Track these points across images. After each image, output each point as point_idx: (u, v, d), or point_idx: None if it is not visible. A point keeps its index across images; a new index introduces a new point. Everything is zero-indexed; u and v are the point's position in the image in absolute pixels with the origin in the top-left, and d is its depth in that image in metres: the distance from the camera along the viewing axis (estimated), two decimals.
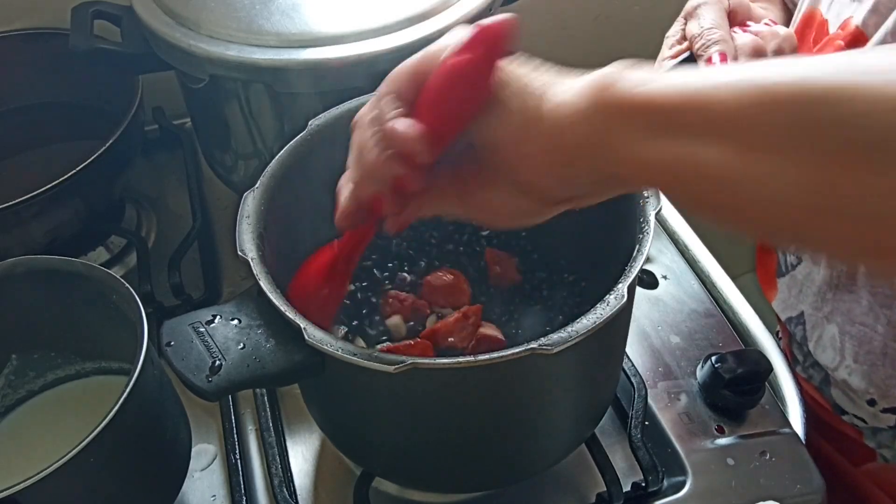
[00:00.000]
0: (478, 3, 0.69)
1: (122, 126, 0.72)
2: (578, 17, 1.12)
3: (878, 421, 0.67)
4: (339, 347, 0.44)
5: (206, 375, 0.44)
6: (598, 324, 0.43)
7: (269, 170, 0.54)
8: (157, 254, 0.80)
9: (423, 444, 0.53)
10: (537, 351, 0.42)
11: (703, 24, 0.59)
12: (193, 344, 0.45)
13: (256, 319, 0.47)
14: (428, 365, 0.43)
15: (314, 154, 0.57)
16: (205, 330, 0.46)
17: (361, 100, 0.59)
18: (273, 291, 0.47)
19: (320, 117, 0.58)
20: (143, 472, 0.54)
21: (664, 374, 0.68)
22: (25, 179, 0.69)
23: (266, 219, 0.52)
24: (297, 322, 0.45)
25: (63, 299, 0.58)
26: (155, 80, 0.78)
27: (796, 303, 0.71)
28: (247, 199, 0.52)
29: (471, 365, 0.43)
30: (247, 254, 0.48)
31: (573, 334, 0.43)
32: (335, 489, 0.63)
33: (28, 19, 0.87)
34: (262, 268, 0.48)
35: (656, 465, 0.61)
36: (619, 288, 0.45)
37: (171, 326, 0.47)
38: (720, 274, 0.78)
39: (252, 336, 0.46)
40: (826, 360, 0.68)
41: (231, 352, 0.45)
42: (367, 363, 0.43)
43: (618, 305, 0.44)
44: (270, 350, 0.46)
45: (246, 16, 0.68)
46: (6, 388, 0.63)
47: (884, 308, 0.62)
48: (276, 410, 0.66)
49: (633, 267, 0.46)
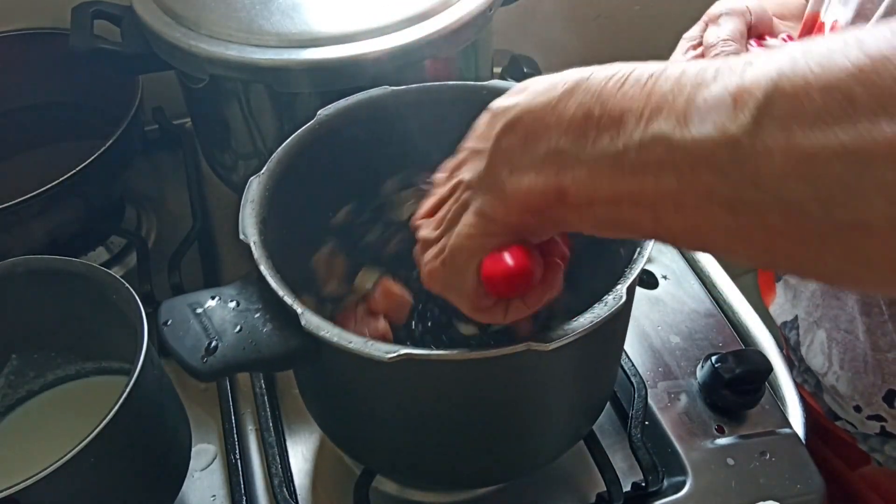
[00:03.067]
0: (478, 3, 0.69)
1: (122, 126, 0.72)
2: (578, 17, 1.12)
3: (865, 427, 0.67)
4: (335, 334, 0.44)
5: (202, 356, 0.44)
6: (595, 323, 0.43)
7: (276, 156, 0.55)
8: (157, 254, 0.80)
9: (417, 437, 0.53)
10: (533, 347, 0.42)
11: (721, 35, 0.58)
12: (190, 324, 0.46)
13: (255, 303, 0.47)
14: (422, 356, 0.43)
15: (320, 144, 0.57)
16: (203, 311, 0.46)
17: (371, 93, 0.59)
18: (273, 276, 0.47)
19: (329, 108, 0.58)
20: (143, 472, 0.54)
21: (664, 374, 0.68)
22: (25, 179, 0.69)
23: (270, 204, 0.52)
24: (294, 307, 0.45)
25: (63, 299, 0.58)
26: (155, 80, 0.78)
27: (791, 308, 0.71)
28: (252, 184, 0.52)
29: (465, 358, 0.43)
30: (249, 237, 0.48)
31: (569, 332, 0.43)
32: (335, 489, 0.63)
33: (28, 19, 0.87)
34: (263, 252, 0.48)
35: (656, 465, 0.61)
36: (618, 289, 0.45)
37: (169, 305, 0.47)
38: (720, 274, 0.78)
39: (249, 319, 0.46)
40: (816, 366, 0.68)
41: (227, 334, 0.45)
42: (361, 350, 0.43)
43: (615, 306, 0.44)
44: (267, 334, 0.46)
45: (246, 16, 0.68)
46: (6, 388, 0.63)
47: (863, 315, 0.61)
48: (276, 410, 0.66)
49: (634, 269, 0.46)
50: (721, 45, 0.58)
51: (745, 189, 0.28)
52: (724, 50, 0.57)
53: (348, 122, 0.58)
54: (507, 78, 0.93)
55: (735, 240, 0.31)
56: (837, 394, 0.67)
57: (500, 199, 0.37)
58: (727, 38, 0.58)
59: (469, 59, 0.75)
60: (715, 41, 0.58)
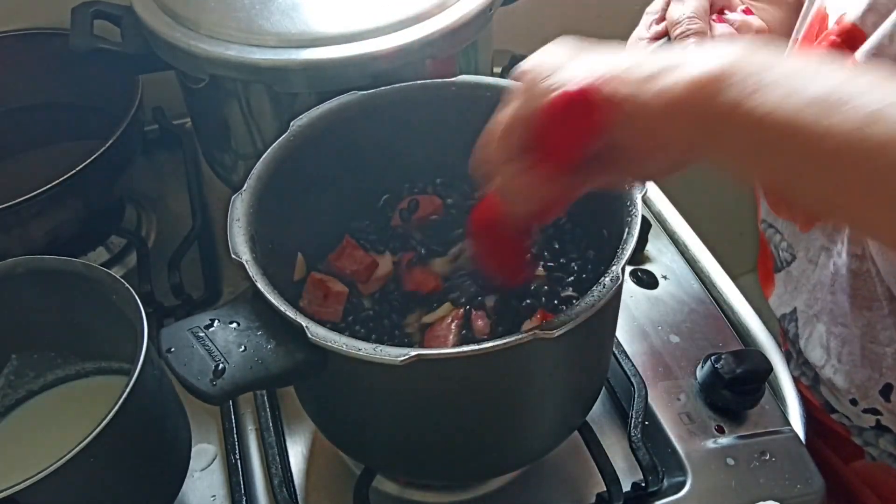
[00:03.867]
0: (478, 3, 0.69)
1: (122, 126, 0.72)
2: (578, 17, 1.12)
3: (861, 421, 0.67)
4: (343, 343, 0.44)
5: (211, 379, 0.44)
6: (597, 305, 0.45)
7: (255, 172, 0.55)
8: (157, 254, 0.80)
9: (420, 435, 0.53)
10: (539, 335, 0.43)
11: (685, 12, 0.58)
12: (194, 349, 0.45)
13: (255, 321, 0.47)
14: (433, 356, 0.44)
15: (298, 154, 0.57)
16: (204, 335, 0.46)
17: (341, 99, 0.60)
18: (272, 292, 0.47)
19: (302, 117, 0.58)
20: (143, 472, 0.54)
21: (664, 374, 0.68)
22: (25, 179, 0.69)
23: (257, 220, 0.52)
24: (298, 321, 0.45)
25: (63, 299, 0.58)
26: (155, 80, 0.78)
27: (790, 299, 0.71)
28: (235, 202, 0.52)
29: (476, 353, 0.44)
30: (241, 256, 0.49)
31: (573, 316, 0.44)
32: (335, 489, 0.63)
33: (28, 19, 0.87)
34: (258, 269, 0.48)
35: (656, 465, 0.61)
36: (614, 269, 0.46)
37: (169, 333, 0.46)
38: (720, 274, 0.78)
39: (252, 338, 0.46)
40: (815, 359, 0.68)
41: (233, 354, 0.45)
42: (372, 357, 0.43)
43: (614, 286, 0.45)
44: (272, 351, 0.46)
45: (246, 16, 0.68)
46: (6, 388, 0.63)
47: (863, 309, 0.62)
48: (276, 410, 0.66)
49: (626, 248, 0.47)
50: (686, 22, 0.58)
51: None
52: (690, 28, 0.57)
53: (323, 129, 0.59)
54: (508, 78, 0.93)
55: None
56: (834, 387, 0.67)
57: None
58: (691, 16, 0.58)
59: (469, 59, 0.75)
60: (679, 18, 0.58)
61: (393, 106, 0.60)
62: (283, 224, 0.57)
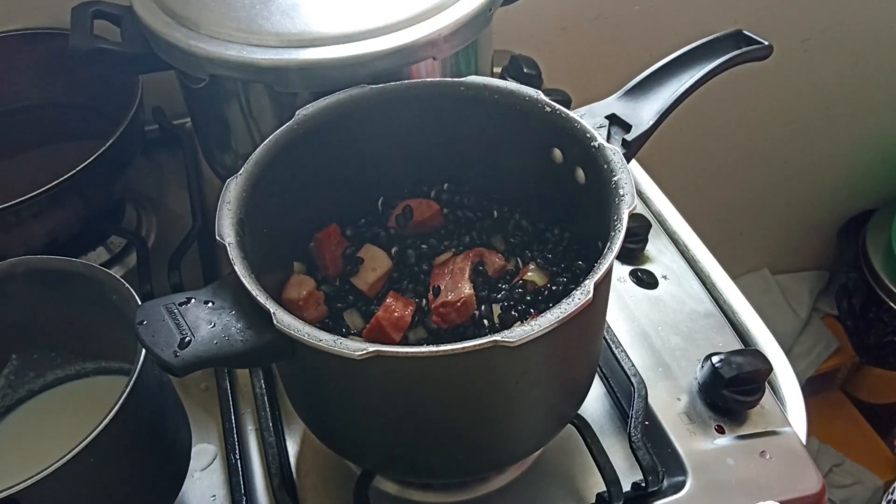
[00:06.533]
0: (478, 3, 0.69)
1: (122, 126, 0.72)
2: (578, 17, 1.12)
3: None
4: (305, 333, 0.44)
5: (174, 351, 0.45)
6: (561, 319, 0.44)
7: (254, 157, 0.55)
8: (157, 254, 0.80)
9: (397, 432, 0.53)
10: (499, 343, 0.43)
11: None
12: (164, 322, 0.46)
13: (230, 303, 0.48)
14: (390, 353, 0.44)
15: (300, 144, 0.57)
16: (177, 310, 0.47)
17: (350, 91, 0.59)
18: (247, 276, 0.47)
19: (308, 107, 0.58)
20: (143, 472, 0.54)
21: (664, 374, 0.68)
22: (25, 179, 0.69)
23: (247, 205, 0.52)
24: (267, 306, 0.45)
25: (63, 299, 0.58)
26: (155, 80, 0.78)
27: None
28: (229, 185, 0.52)
29: (433, 355, 0.43)
30: (224, 238, 0.49)
31: (535, 328, 0.44)
32: (335, 489, 0.63)
33: (28, 19, 0.87)
34: (239, 252, 0.48)
35: (656, 465, 0.61)
36: (586, 284, 0.45)
37: (145, 308, 0.47)
38: (720, 274, 0.78)
39: (223, 317, 0.47)
40: None
41: (200, 329, 0.46)
42: (332, 348, 0.43)
43: (581, 302, 0.44)
44: (240, 330, 0.47)
45: (246, 16, 0.68)
46: (6, 388, 0.63)
47: None
48: (276, 410, 0.67)
49: (602, 264, 0.46)
50: None
51: None
52: None
53: (328, 121, 0.59)
54: (508, 78, 0.93)
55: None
56: None
57: None
58: None
59: (469, 59, 0.75)
60: None
61: (399, 102, 0.60)
62: (279, 212, 0.57)
